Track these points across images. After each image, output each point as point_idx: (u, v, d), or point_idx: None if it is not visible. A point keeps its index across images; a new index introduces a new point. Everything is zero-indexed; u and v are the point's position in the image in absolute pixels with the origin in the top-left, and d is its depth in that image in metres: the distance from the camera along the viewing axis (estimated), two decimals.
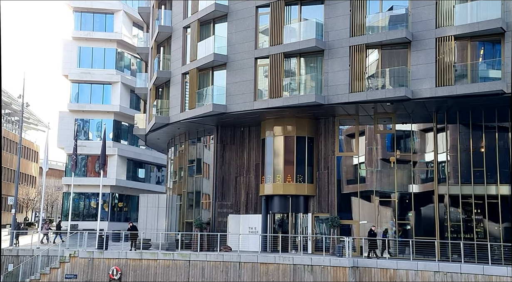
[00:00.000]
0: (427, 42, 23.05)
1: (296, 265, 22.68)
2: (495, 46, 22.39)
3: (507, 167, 23.43)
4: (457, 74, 22.88)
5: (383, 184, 25.91)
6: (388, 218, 25.60)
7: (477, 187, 23.76)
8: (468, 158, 24.21)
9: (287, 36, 25.88)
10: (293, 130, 27.23)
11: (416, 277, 21.44)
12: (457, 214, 24.15)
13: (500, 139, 23.85)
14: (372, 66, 24.86)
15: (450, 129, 24.84)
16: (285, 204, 27.04)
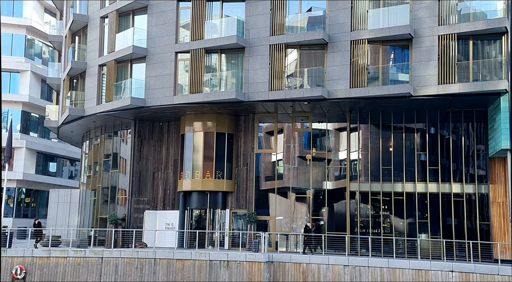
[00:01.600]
0: (342, 44, 23.98)
1: (212, 261, 22.70)
2: (404, 51, 23.77)
3: (412, 166, 25.01)
4: (370, 76, 24.04)
5: (299, 180, 26.66)
6: (303, 214, 26.39)
7: (385, 185, 25.16)
8: (377, 156, 25.56)
9: (209, 32, 25.77)
10: (213, 126, 27.19)
11: (327, 271, 22.28)
12: (366, 210, 25.43)
13: (407, 140, 25.41)
14: (291, 65, 25.44)
15: (362, 129, 26.07)
16: (203, 200, 26.97)
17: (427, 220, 24.38)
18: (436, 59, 22.61)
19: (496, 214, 23.44)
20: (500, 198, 23.47)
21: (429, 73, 22.70)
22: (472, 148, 24.41)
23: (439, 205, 24.23)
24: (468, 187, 24.07)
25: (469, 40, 22.62)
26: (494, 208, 23.52)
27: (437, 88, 22.49)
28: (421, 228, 24.48)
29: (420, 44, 22.94)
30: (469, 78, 22.42)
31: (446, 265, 21.00)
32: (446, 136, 24.89)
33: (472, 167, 24.25)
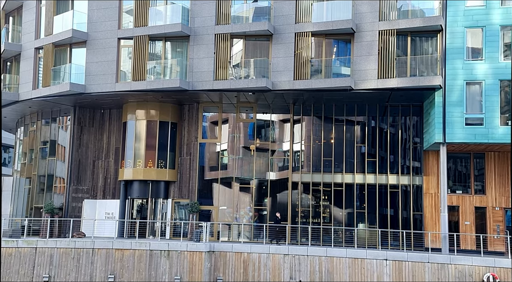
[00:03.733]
0: (287, 36, 24.17)
1: (153, 251, 22.46)
2: (347, 44, 24.28)
3: (352, 157, 25.71)
4: (313, 69, 24.40)
5: (243, 171, 26.77)
6: (247, 204, 26.57)
7: (326, 175, 25.74)
8: (319, 148, 26.08)
9: (153, 19, 25.24)
10: (156, 114, 26.74)
11: (268, 260, 22.57)
12: (307, 200, 25.93)
13: (348, 132, 26.07)
14: (236, 55, 25.38)
15: (306, 120, 26.49)
16: (145, 189, 26.55)
17: (364, 210, 25.19)
18: (376, 54, 23.24)
19: (428, 205, 24.55)
20: (432, 189, 24.59)
21: (369, 67, 23.31)
22: (409, 141, 25.38)
23: (377, 195, 25.08)
24: (403, 178, 25.04)
25: (407, 36, 23.40)
26: (427, 199, 24.62)
27: (377, 82, 23.14)
28: (359, 218, 25.27)
29: (362, 39, 23.50)
30: (407, 73, 23.20)
31: (381, 253, 21.79)
32: (385, 129, 25.73)
33: (408, 159, 25.23)
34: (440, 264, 20.99)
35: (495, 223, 23.78)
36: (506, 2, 22.20)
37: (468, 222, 24.04)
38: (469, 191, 24.40)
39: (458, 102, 22.24)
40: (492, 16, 22.08)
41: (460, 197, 24.34)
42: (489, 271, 20.34)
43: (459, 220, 24.17)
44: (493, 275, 20.20)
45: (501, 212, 23.80)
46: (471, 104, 22.32)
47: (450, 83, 22.40)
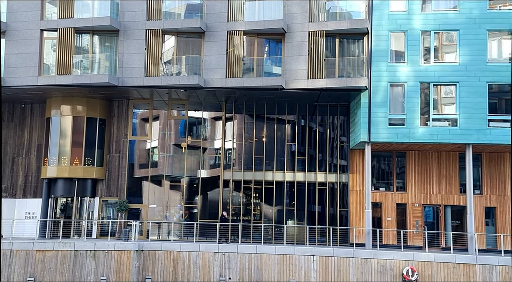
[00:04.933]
0: (219, 34, 24.13)
1: (78, 251, 21.68)
2: (278, 44, 24.62)
3: (283, 156, 26.12)
4: (245, 67, 24.53)
5: (174, 168, 26.45)
6: (177, 202, 26.28)
7: (257, 173, 25.98)
8: (251, 146, 26.29)
9: (79, 11, 24.32)
10: (83, 110, 25.79)
11: (198, 258, 22.46)
12: (238, 198, 26.06)
13: (279, 131, 26.46)
14: (168, 52, 25.00)
15: (237, 118, 26.59)
16: (71, 187, 25.54)
17: (294, 207, 25.69)
18: (306, 54, 23.72)
19: (354, 202, 25.45)
20: (358, 187, 25.51)
21: (299, 67, 23.77)
22: (336, 139, 26.17)
23: (305, 193, 25.66)
24: (331, 176, 25.79)
25: (336, 38, 24.10)
26: (353, 196, 25.51)
27: (307, 82, 23.63)
28: (289, 215, 25.74)
29: (292, 39, 23.92)
30: (335, 74, 23.89)
31: (309, 249, 22.32)
32: (314, 128, 26.36)
33: (335, 157, 26.01)
34: (363, 259, 21.82)
35: (414, 218, 25.07)
36: (426, 8, 23.43)
37: (390, 218, 25.18)
38: (391, 188, 25.55)
39: (382, 103, 23.18)
40: (413, 21, 23.22)
41: (383, 194, 25.44)
42: (409, 265, 21.40)
43: (382, 216, 25.24)
44: (411, 268, 21.27)
45: (420, 208, 25.12)
46: (394, 105, 23.34)
47: (375, 84, 23.31)
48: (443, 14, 23.11)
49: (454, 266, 21.22)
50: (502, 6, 23.02)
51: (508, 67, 22.54)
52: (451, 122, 22.79)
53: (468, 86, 22.62)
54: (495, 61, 22.77)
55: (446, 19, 23.03)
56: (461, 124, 22.52)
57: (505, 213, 24.57)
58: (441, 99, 23.39)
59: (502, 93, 22.80)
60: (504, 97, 22.77)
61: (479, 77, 22.56)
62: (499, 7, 23.02)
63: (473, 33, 22.68)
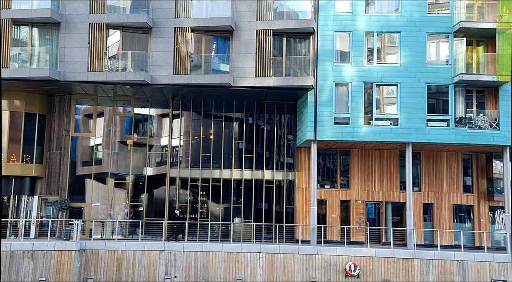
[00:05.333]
0: (166, 30, 23.81)
1: (14, 252, 20.79)
2: (226, 42, 24.58)
3: (230, 153, 26.14)
4: (193, 64, 24.35)
5: (119, 166, 25.89)
6: (122, 200, 25.74)
7: (204, 171, 25.87)
8: (198, 143, 26.12)
9: (18, 1, 23.30)
10: (21, 105, 24.76)
11: (143, 257, 22.10)
12: (185, 196, 25.86)
13: (226, 128, 26.45)
14: (113, 47, 24.42)
15: (185, 116, 26.37)
16: (7, 185, 24.46)
17: (241, 205, 25.77)
18: (254, 52, 23.82)
19: (300, 199, 25.82)
20: (304, 184, 25.90)
21: (247, 65, 23.84)
22: (283, 138, 26.45)
23: (253, 190, 25.79)
24: (278, 174, 26.05)
25: (283, 37, 24.34)
26: (299, 193, 25.88)
27: (254, 80, 23.74)
28: (236, 213, 25.79)
29: (240, 37, 23.96)
30: (282, 72, 24.14)
31: (255, 246, 22.45)
32: (261, 126, 26.53)
33: (282, 155, 26.30)
34: (308, 255, 22.18)
35: (357, 215, 25.75)
36: (370, 10, 24.08)
37: (334, 214, 25.74)
38: (336, 185, 26.12)
39: (328, 102, 23.64)
40: (357, 23, 23.82)
41: (328, 191, 25.97)
42: (351, 260, 21.96)
43: (327, 213, 25.77)
44: (354, 264, 21.84)
45: (363, 205, 25.84)
46: (339, 104, 23.86)
47: (321, 84, 23.74)
48: (386, 16, 23.85)
49: (394, 261, 21.96)
50: (440, 10, 24.02)
51: (446, 69, 23.56)
52: (393, 121, 23.57)
53: (409, 87, 23.46)
54: (433, 63, 23.73)
55: (388, 21, 23.79)
56: (402, 124, 23.33)
57: (441, 209, 25.68)
58: (383, 99, 24.14)
59: (439, 94, 23.79)
60: (442, 98, 23.77)
61: (419, 78, 23.45)
62: (438, 11, 24.01)
63: (413, 36, 23.55)
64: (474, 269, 21.70)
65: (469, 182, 25.92)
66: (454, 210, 25.73)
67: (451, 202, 25.64)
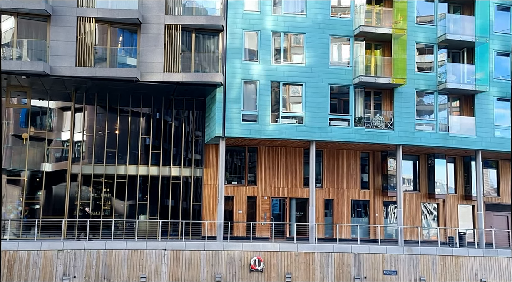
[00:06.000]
0: (68, 19, 22.68)
1: None
2: (133, 35, 23.92)
3: (137, 149, 25.50)
4: (98, 56, 23.43)
5: (13, 161, 24.28)
6: (16, 198, 24.16)
7: (108, 167, 25.02)
8: (103, 139, 25.21)
9: None
10: None
11: (38, 258, 20.92)
12: (88, 193, 24.84)
13: (133, 123, 25.76)
14: (7, 33, 22.79)
15: (88, 110, 25.31)
16: None
17: (147, 201, 25.26)
18: (162, 47, 23.42)
19: (207, 195, 25.85)
20: (211, 181, 25.96)
21: (155, 60, 23.39)
22: (191, 134, 26.30)
23: (159, 187, 25.38)
24: (185, 170, 25.86)
25: (192, 33, 24.17)
26: (206, 190, 25.89)
27: (163, 75, 23.35)
28: (141, 210, 25.23)
29: (148, 31, 23.44)
30: (191, 68, 23.96)
31: (161, 244, 22.13)
32: (169, 122, 26.17)
33: (190, 151, 26.14)
34: (214, 251, 22.28)
35: (263, 211, 26.30)
36: (277, 10, 24.64)
37: (241, 211, 26.08)
38: (243, 182, 26.47)
39: (237, 100, 23.87)
40: (265, 22, 24.27)
41: (235, 188, 26.24)
42: (256, 255, 22.38)
43: (234, 209, 26.04)
44: (258, 258, 22.28)
45: (269, 201, 26.43)
46: (248, 102, 24.18)
47: (230, 81, 23.90)
48: (292, 17, 24.54)
49: (296, 255, 22.71)
50: (342, 14, 25.18)
51: (347, 70, 24.74)
52: (298, 120, 24.33)
53: (313, 86, 24.34)
54: (336, 65, 24.82)
55: (294, 22, 24.49)
56: (307, 122, 24.15)
57: (341, 204, 26.96)
58: (289, 98, 24.84)
59: (341, 95, 24.95)
60: (343, 98, 24.94)
61: (322, 79, 24.41)
62: (340, 14, 25.14)
63: (317, 37, 24.46)
64: (369, 261, 23.05)
65: (366, 178, 27.49)
66: (352, 205, 27.16)
67: (350, 197, 27.03)
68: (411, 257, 23.40)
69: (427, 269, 23.41)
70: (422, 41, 25.55)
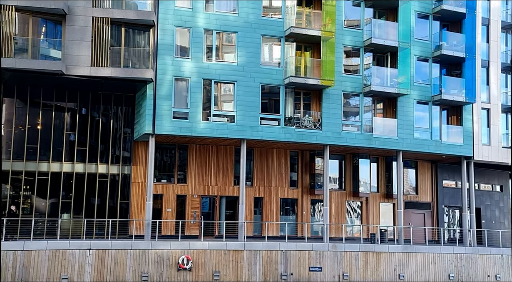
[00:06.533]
0: None
1: None
2: (57, 26, 22.92)
3: (61, 145, 24.47)
4: (18, 47, 22.26)
5: None
6: None
7: (29, 164, 23.83)
8: (23, 134, 23.96)
9: None
10: None
11: None
12: (5, 190, 23.51)
13: (57, 118, 24.68)
14: None
15: (7, 103, 23.96)
16: None
17: (71, 200, 24.31)
18: (89, 40, 22.65)
19: (135, 194, 25.32)
20: (140, 179, 25.45)
21: (82, 53, 22.57)
22: (120, 130, 25.63)
23: (85, 185, 24.51)
24: (113, 168, 25.15)
25: (121, 27, 23.54)
26: (135, 188, 25.35)
27: (90, 69, 22.60)
28: (65, 208, 24.26)
29: (74, 23, 22.56)
30: (120, 63, 23.35)
31: (85, 243, 21.38)
32: (96, 118, 25.34)
33: (118, 148, 25.46)
34: (141, 250, 21.86)
35: (193, 209, 26.15)
36: (209, 8, 24.56)
37: (170, 209, 25.78)
38: (173, 180, 26.18)
39: (167, 96, 23.54)
40: (197, 19, 24.12)
41: (164, 186, 25.89)
42: (185, 254, 22.21)
43: (163, 207, 25.69)
44: (187, 257, 22.13)
45: (199, 199, 26.32)
46: (179, 99, 23.93)
47: (161, 77, 23.54)
48: (224, 16, 24.57)
49: (225, 253, 22.78)
50: (274, 14, 25.55)
51: (278, 71, 25.15)
52: (229, 118, 24.41)
53: (245, 86, 24.52)
54: (267, 64, 25.14)
55: (226, 21, 24.54)
56: (238, 121, 24.29)
57: (270, 202, 27.38)
58: (221, 96, 24.86)
59: (272, 94, 25.33)
60: (274, 98, 25.33)
61: (254, 78, 24.65)
62: (271, 15, 25.50)
63: (249, 37, 24.66)
64: (296, 258, 23.59)
65: (295, 177, 28.10)
66: (281, 203, 27.67)
67: (279, 195, 27.52)
68: (335, 253, 24.21)
69: (350, 265, 24.32)
70: (349, 44, 26.50)
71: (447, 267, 25.94)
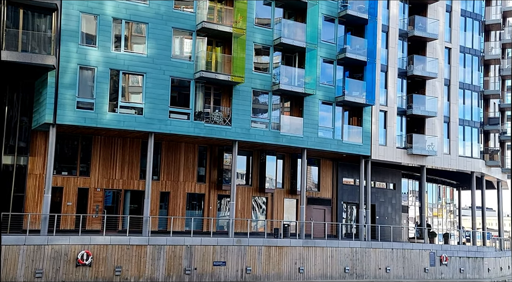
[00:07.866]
0: None
1: None
2: None
3: None
4: None
5: None
6: None
7: None
8: None
9: None
10: None
11: None
12: None
13: None
14: None
15: None
16: None
17: None
18: None
19: (32, 186, 23.88)
20: (37, 170, 24.04)
21: None
22: (16, 118, 23.99)
23: None
24: (7, 158, 23.50)
25: (19, 8, 22.03)
26: (31, 180, 23.91)
27: None
28: None
29: None
30: (18, 47, 21.83)
31: None
32: None
33: (13, 138, 23.82)
34: (37, 246, 20.66)
35: (95, 203, 25.20)
36: None
37: (70, 202, 24.63)
38: (74, 172, 25.04)
39: (71, 85, 22.45)
40: (105, 7, 23.22)
41: (65, 178, 24.69)
42: (85, 249, 21.34)
43: (62, 201, 24.48)
44: (87, 252, 21.29)
45: (102, 193, 25.43)
46: (84, 88, 22.90)
47: (64, 65, 22.37)
48: (134, 5, 23.89)
49: (128, 248, 22.22)
50: (185, 8, 25.33)
51: (189, 64, 24.96)
52: (137, 110, 23.82)
53: (154, 78, 24.05)
54: (178, 58, 24.87)
55: (136, 11, 23.89)
56: (146, 114, 23.78)
57: (177, 197, 27.18)
58: (129, 87, 24.18)
59: (182, 88, 25.11)
60: (184, 91, 25.13)
61: (164, 71, 24.27)
62: (183, 8, 25.25)
63: (160, 29, 24.23)
64: (200, 253, 23.62)
65: (203, 172, 28.13)
66: (188, 198, 27.56)
67: (186, 190, 27.39)
68: (239, 248, 24.61)
69: (253, 259, 24.85)
70: (260, 43, 27.01)
71: (343, 260, 27.43)
